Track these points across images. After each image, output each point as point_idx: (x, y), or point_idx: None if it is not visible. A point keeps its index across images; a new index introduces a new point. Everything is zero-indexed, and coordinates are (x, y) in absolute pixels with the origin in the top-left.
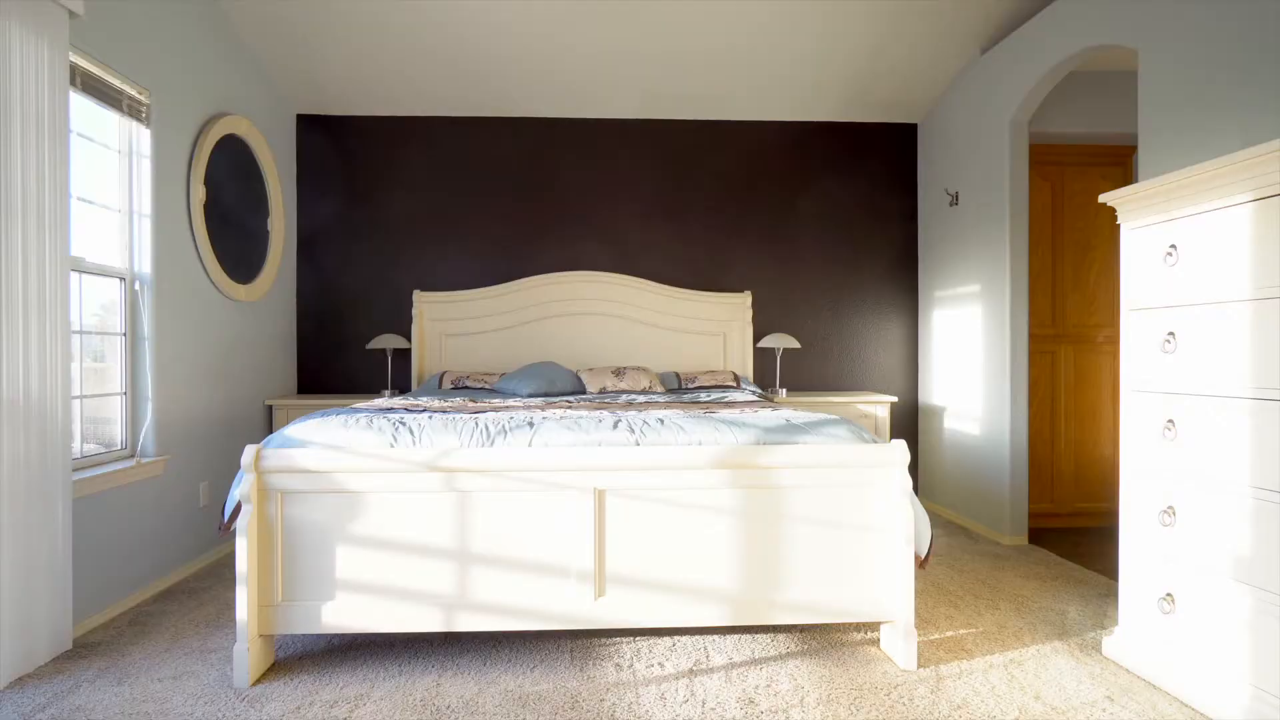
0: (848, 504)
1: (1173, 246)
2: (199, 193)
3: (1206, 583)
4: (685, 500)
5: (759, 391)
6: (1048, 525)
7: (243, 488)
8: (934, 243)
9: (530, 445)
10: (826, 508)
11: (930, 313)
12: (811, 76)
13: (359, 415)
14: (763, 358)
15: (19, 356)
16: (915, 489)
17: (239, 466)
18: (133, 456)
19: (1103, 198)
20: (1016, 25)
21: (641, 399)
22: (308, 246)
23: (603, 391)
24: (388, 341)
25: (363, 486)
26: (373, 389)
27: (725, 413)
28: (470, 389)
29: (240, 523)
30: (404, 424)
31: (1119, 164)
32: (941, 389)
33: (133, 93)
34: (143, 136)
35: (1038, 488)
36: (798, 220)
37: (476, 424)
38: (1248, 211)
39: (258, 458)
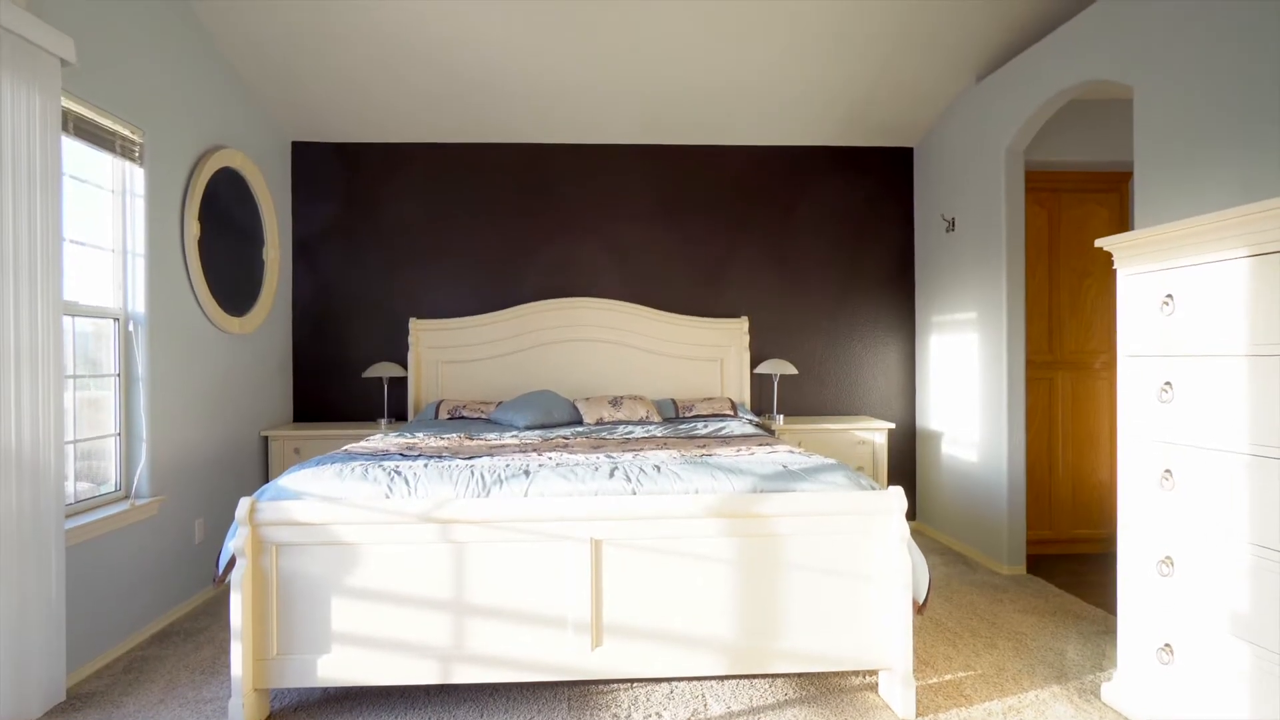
0: (845, 551)
1: (1169, 296)
2: (193, 229)
3: (1205, 635)
4: (682, 549)
5: (756, 420)
6: (1046, 552)
7: (237, 541)
8: (931, 267)
9: (526, 495)
10: (824, 555)
11: (927, 337)
12: (810, 105)
13: (354, 464)
14: (760, 383)
15: (11, 407)
16: (913, 514)
17: (234, 502)
18: (127, 498)
19: (1099, 242)
20: (1011, 55)
21: (639, 432)
22: (304, 273)
23: (599, 422)
24: (384, 370)
25: (358, 538)
26: (369, 416)
27: (722, 454)
28: (467, 419)
29: (235, 576)
30: (399, 473)
31: (1115, 190)
32: (939, 414)
33: (126, 133)
34: (136, 176)
35: (1036, 514)
36: (794, 244)
37: (472, 473)
38: (1244, 266)
39: (252, 510)
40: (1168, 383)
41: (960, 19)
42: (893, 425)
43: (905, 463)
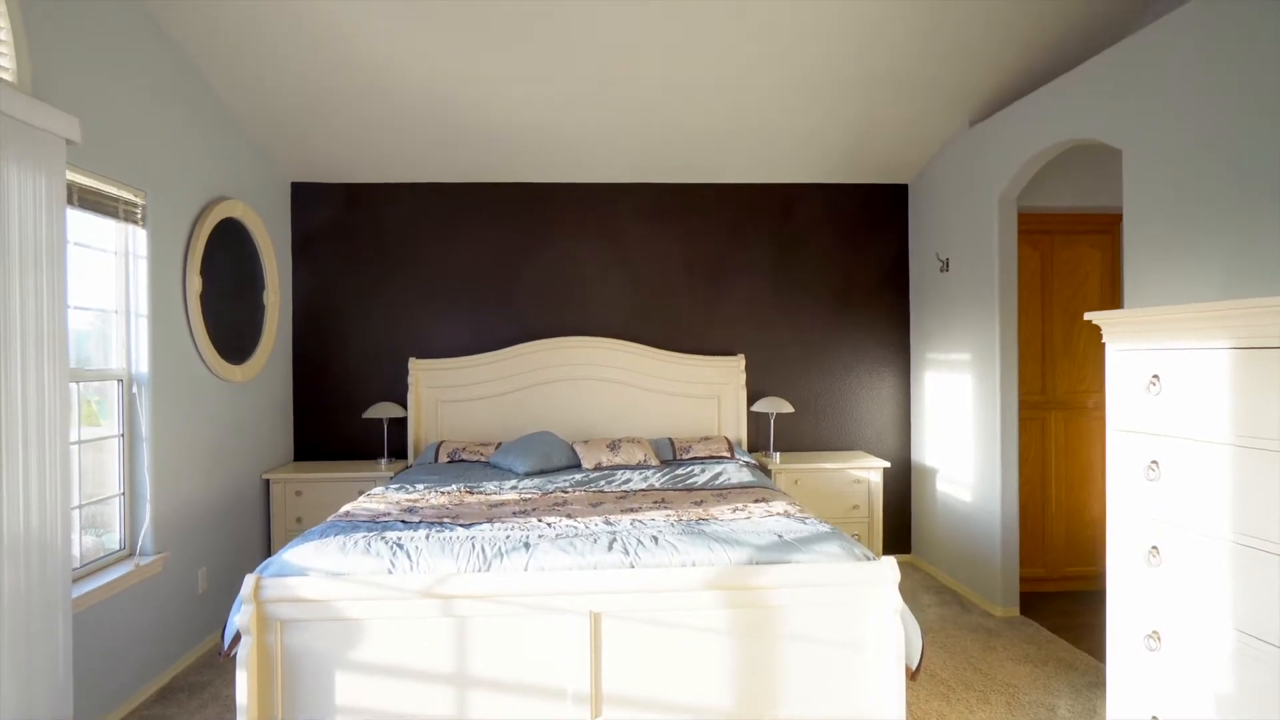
0: (840, 620)
1: (1156, 376)
2: (195, 284)
3: (1191, 713)
4: (680, 621)
5: (753, 462)
6: (1039, 589)
7: (242, 617)
8: (925, 304)
9: (526, 569)
10: (819, 625)
11: (922, 374)
12: (805, 146)
13: (356, 536)
14: (757, 419)
15: (19, 482)
16: (908, 548)
17: (236, 549)
18: (131, 556)
19: (1089, 316)
20: (1004, 102)
21: (636, 480)
22: (304, 314)
23: (598, 468)
24: (384, 410)
25: (362, 614)
26: (370, 454)
27: (719, 515)
28: (466, 462)
29: (240, 654)
30: (401, 547)
31: (1107, 232)
32: (934, 450)
33: (128, 196)
34: (138, 237)
35: (1029, 552)
36: (789, 280)
37: (473, 546)
38: (1228, 357)
39: (257, 588)
40: (1155, 461)
41: (954, 65)
42: (888, 464)
43: (900, 496)
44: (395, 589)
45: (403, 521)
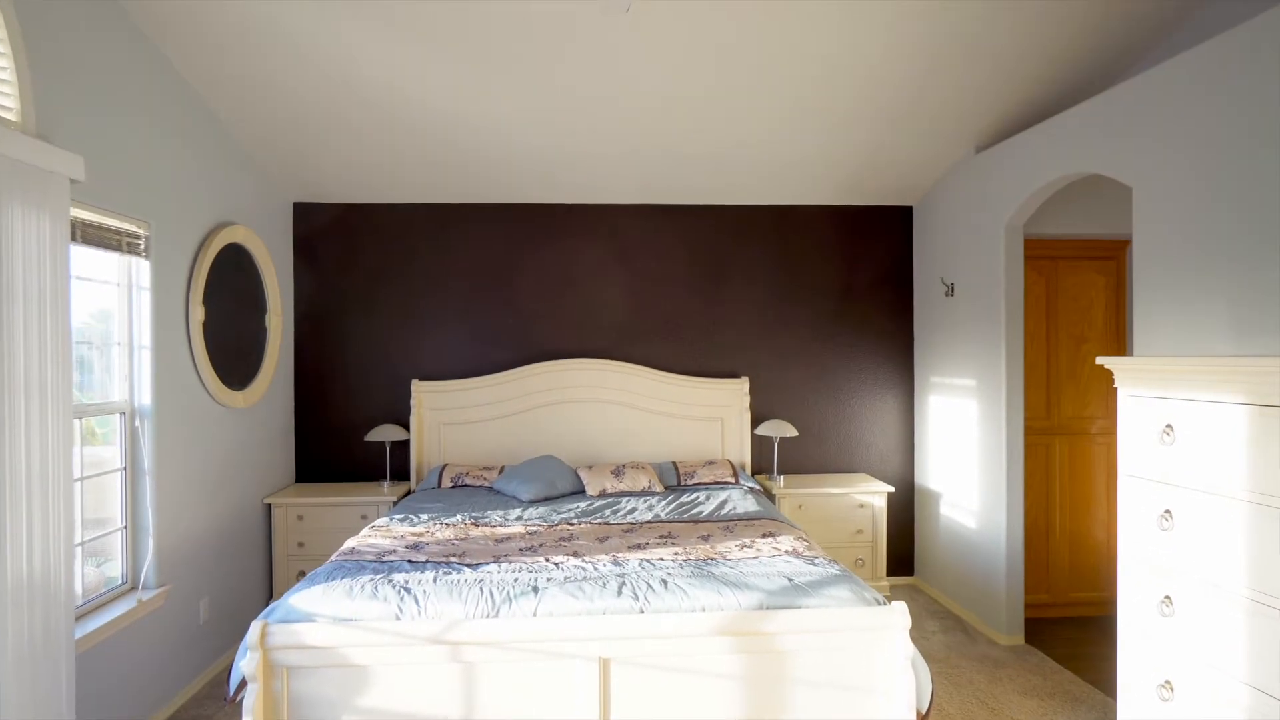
0: (850, 665)
1: (1169, 426)
2: (198, 314)
3: None
4: (690, 666)
5: (757, 487)
6: (1044, 615)
7: (247, 664)
8: (930, 327)
9: (535, 615)
10: (829, 670)
11: (926, 397)
12: (809, 169)
13: (363, 579)
14: (760, 441)
15: (22, 525)
16: (910, 570)
17: (238, 576)
18: (134, 590)
19: (1100, 361)
20: (1011, 130)
21: (641, 509)
22: (306, 336)
23: (602, 494)
24: (386, 433)
25: (369, 660)
26: (372, 476)
27: (726, 551)
28: (470, 487)
29: (246, 701)
30: (408, 591)
31: (1112, 258)
32: (938, 474)
33: (132, 229)
34: (141, 269)
35: (1034, 578)
36: (793, 302)
37: (481, 590)
38: (1244, 413)
39: (263, 635)
40: (1168, 510)
41: (961, 94)
42: (893, 489)
43: (903, 518)
44: (403, 635)
45: (409, 562)
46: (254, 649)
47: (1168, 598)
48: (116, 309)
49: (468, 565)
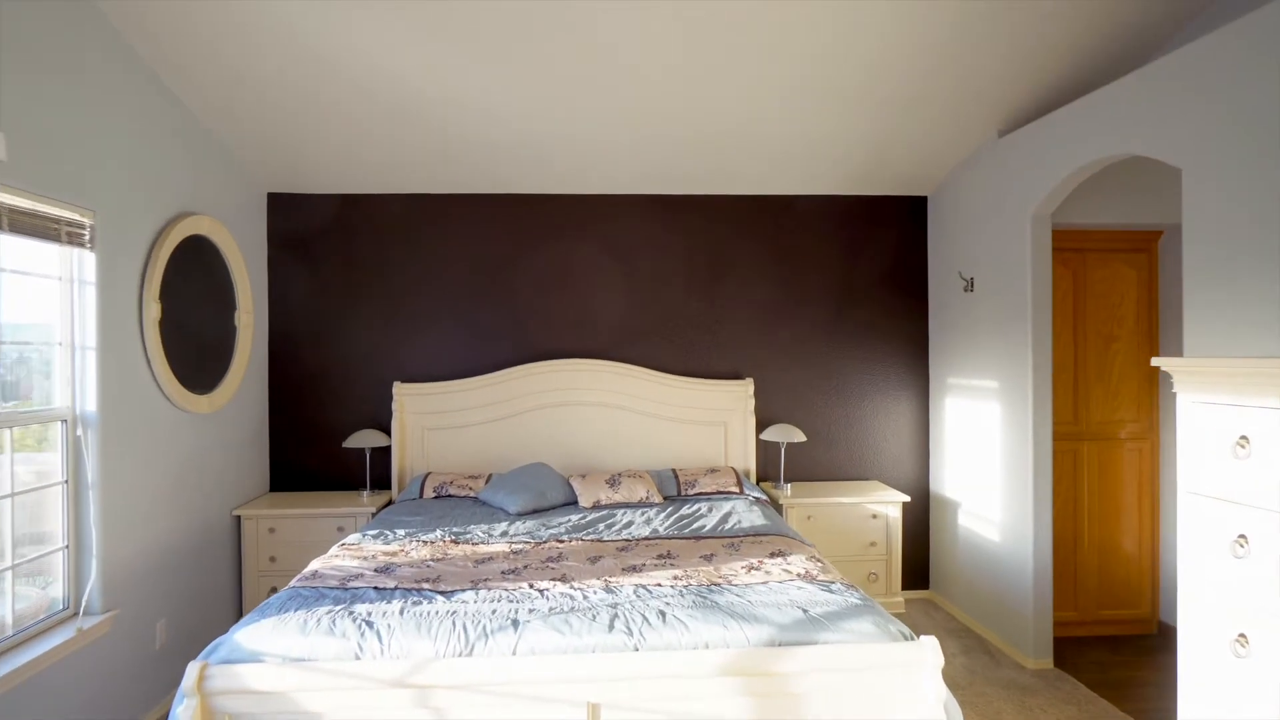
0: (874, 709)
1: (1244, 438)
2: (153, 311)
3: None
4: (689, 712)
5: (763, 497)
6: (1071, 634)
7: (185, 712)
8: (946, 326)
9: (515, 653)
10: (849, 715)
11: (942, 399)
12: (819, 156)
13: (320, 611)
14: (766, 446)
15: None
16: (925, 583)
17: (201, 596)
18: (76, 615)
19: (1156, 362)
20: (1038, 112)
21: (639, 523)
22: (280, 335)
23: (596, 505)
24: (366, 439)
25: (323, 707)
26: (351, 485)
27: (731, 575)
28: (454, 497)
29: None
30: (370, 625)
31: (1144, 250)
32: (955, 482)
33: (73, 216)
34: (86, 261)
35: (1060, 594)
36: (800, 298)
37: (454, 624)
38: None
39: (201, 679)
40: (1243, 535)
41: (983, 73)
42: (908, 498)
43: (918, 528)
44: (363, 678)
45: (376, 589)
46: (190, 695)
47: (1243, 636)
48: (59, 306)
49: (441, 593)
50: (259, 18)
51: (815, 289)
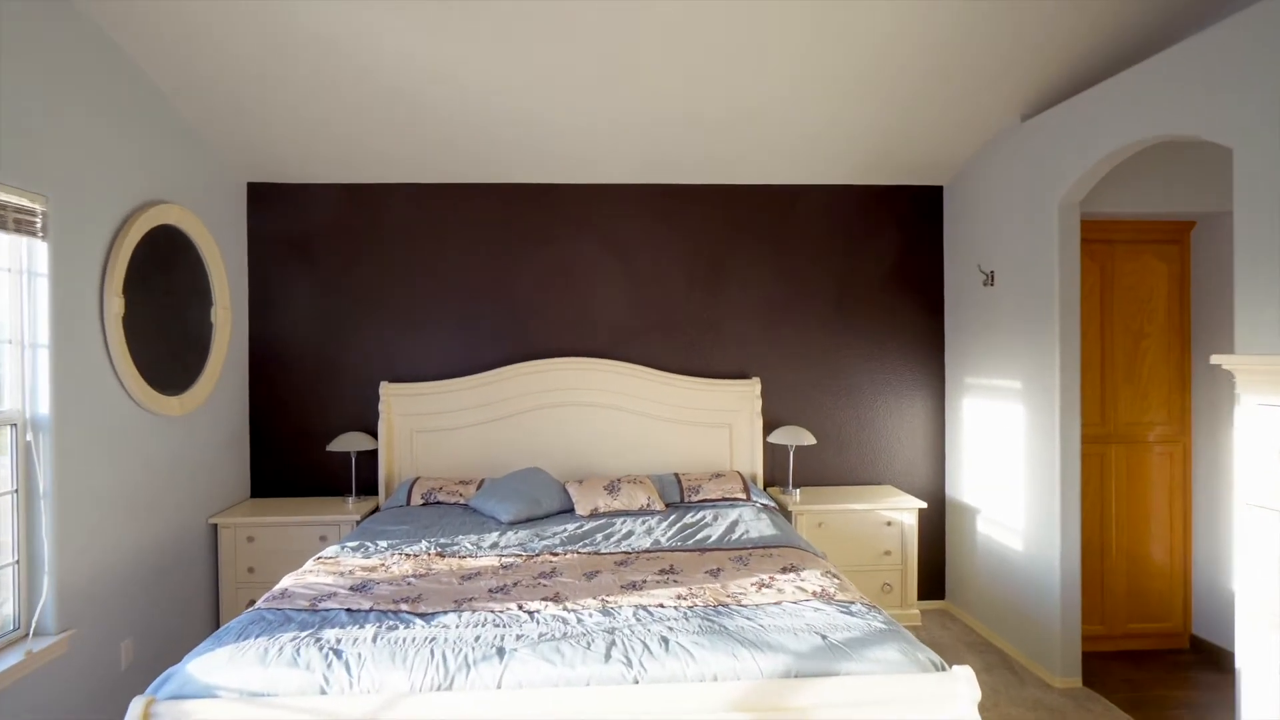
0: None
1: None
2: (115, 306)
3: None
4: None
5: (771, 504)
6: (1098, 649)
7: None
8: (964, 322)
9: (499, 686)
10: None
11: (959, 399)
12: (830, 141)
13: (284, 638)
14: (773, 450)
15: None
16: (941, 593)
17: (172, 612)
18: (27, 637)
19: (1216, 359)
20: (1064, 94)
21: (639, 533)
22: (261, 332)
23: (594, 514)
24: (352, 442)
25: None
26: (337, 490)
27: (742, 598)
28: (443, 504)
29: None
30: (338, 654)
31: (1176, 242)
32: (973, 487)
33: (21, 202)
34: (38, 251)
35: (1086, 606)
36: (807, 293)
37: (432, 653)
38: None
39: (145, 716)
40: None
41: (1005, 52)
42: (924, 505)
43: (933, 535)
44: (327, 715)
45: (348, 610)
46: None
47: None
48: (7, 300)
49: (420, 615)
50: None
51: (823, 283)
